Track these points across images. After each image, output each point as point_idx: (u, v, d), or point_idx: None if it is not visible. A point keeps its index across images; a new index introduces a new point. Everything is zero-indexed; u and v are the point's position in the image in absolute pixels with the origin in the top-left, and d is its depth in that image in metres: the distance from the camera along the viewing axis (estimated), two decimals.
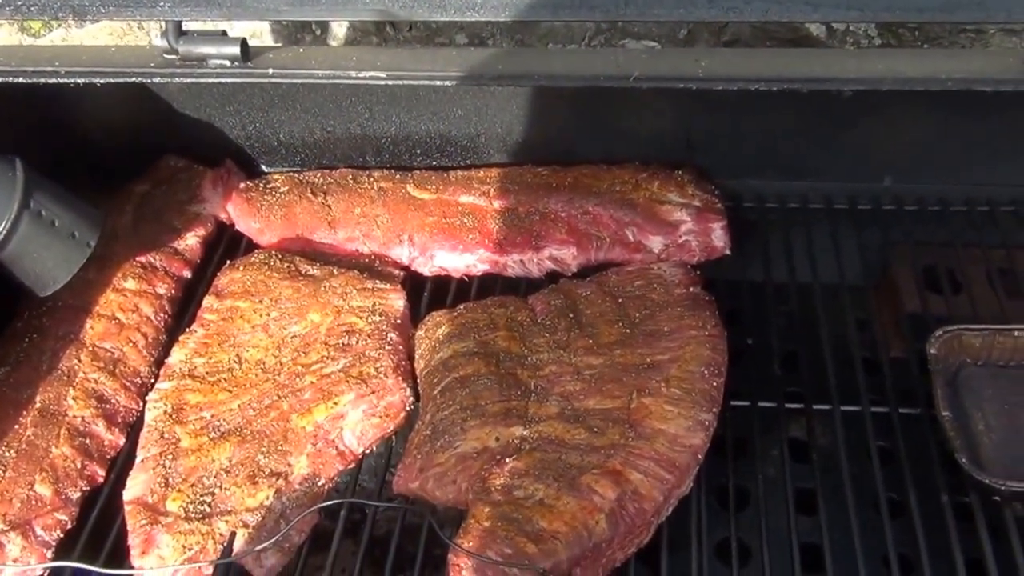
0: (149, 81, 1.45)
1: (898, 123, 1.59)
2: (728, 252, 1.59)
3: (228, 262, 1.65)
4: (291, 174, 1.77)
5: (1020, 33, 1.92)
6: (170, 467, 1.33)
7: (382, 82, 1.40)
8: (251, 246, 1.72)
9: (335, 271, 1.58)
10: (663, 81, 1.25)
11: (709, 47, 1.99)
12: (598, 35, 2.01)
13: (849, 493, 1.33)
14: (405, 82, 1.40)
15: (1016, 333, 1.40)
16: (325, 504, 1.31)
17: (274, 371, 1.44)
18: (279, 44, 2.20)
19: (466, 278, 1.64)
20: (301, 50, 1.50)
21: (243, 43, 1.43)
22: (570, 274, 1.60)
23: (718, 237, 1.57)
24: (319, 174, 1.75)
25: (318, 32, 2.24)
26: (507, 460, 1.28)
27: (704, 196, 1.60)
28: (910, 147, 1.64)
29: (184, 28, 1.45)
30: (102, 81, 1.44)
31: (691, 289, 1.50)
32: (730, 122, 1.64)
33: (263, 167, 1.85)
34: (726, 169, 1.70)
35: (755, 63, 1.29)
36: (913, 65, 1.25)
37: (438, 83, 1.39)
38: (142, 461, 1.35)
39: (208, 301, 1.57)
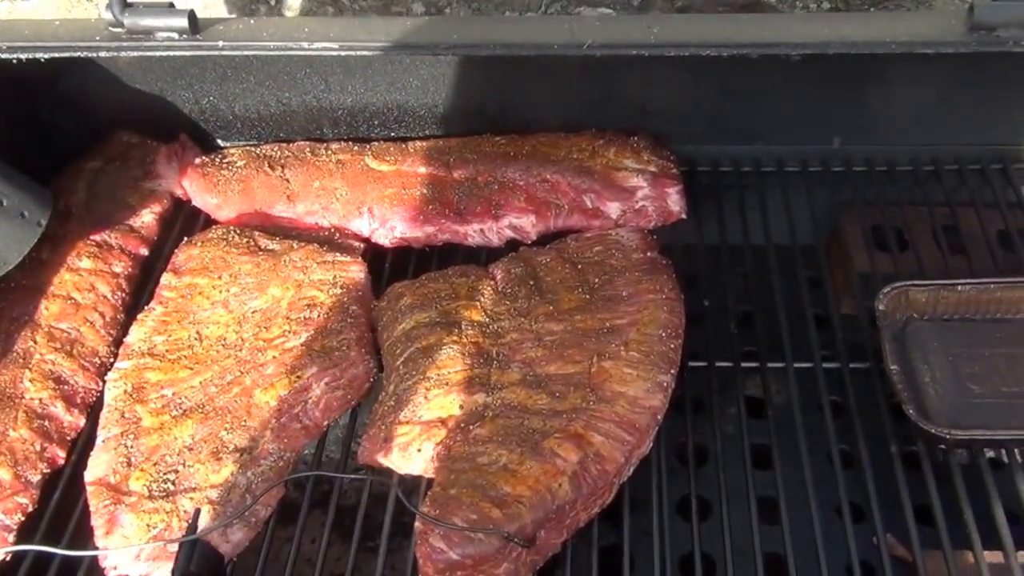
0: (95, 56, 1.40)
1: (846, 86, 1.59)
2: (684, 216, 1.58)
3: (186, 238, 1.60)
4: (248, 148, 1.73)
5: None
6: (132, 446, 1.30)
7: (335, 53, 1.36)
8: (209, 222, 1.67)
9: (295, 245, 1.54)
10: (616, 48, 1.23)
11: (663, 14, 1.97)
12: (554, 3, 1.98)
13: (803, 447, 1.34)
14: (358, 53, 1.36)
15: (959, 287, 1.42)
16: (291, 477, 1.29)
17: (235, 347, 1.41)
18: (233, 14, 2.14)
19: (427, 248, 1.61)
20: (252, 21, 1.45)
21: (191, 15, 1.38)
22: (530, 242, 1.58)
23: (674, 202, 1.56)
24: (276, 147, 1.71)
25: (272, 2, 2.18)
26: (471, 427, 1.27)
27: (660, 162, 1.59)
28: (858, 109, 1.64)
29: (130, 0, 1.40)
30: (45, 56, 1.39)
31: (648, 254, 1.49)
32: (684, 88, 1.62)
33: (219, 141, 1.80)
34: (681, 134, 1.69)
35: (706, 29, 1.28)
36: (859, 29, 1.24)
37: (392, 54, 1.36)
38: (103, 441, 1.32)
39: (166, 278, 1.53)
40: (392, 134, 1.72)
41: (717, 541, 1.27)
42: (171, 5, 1.41)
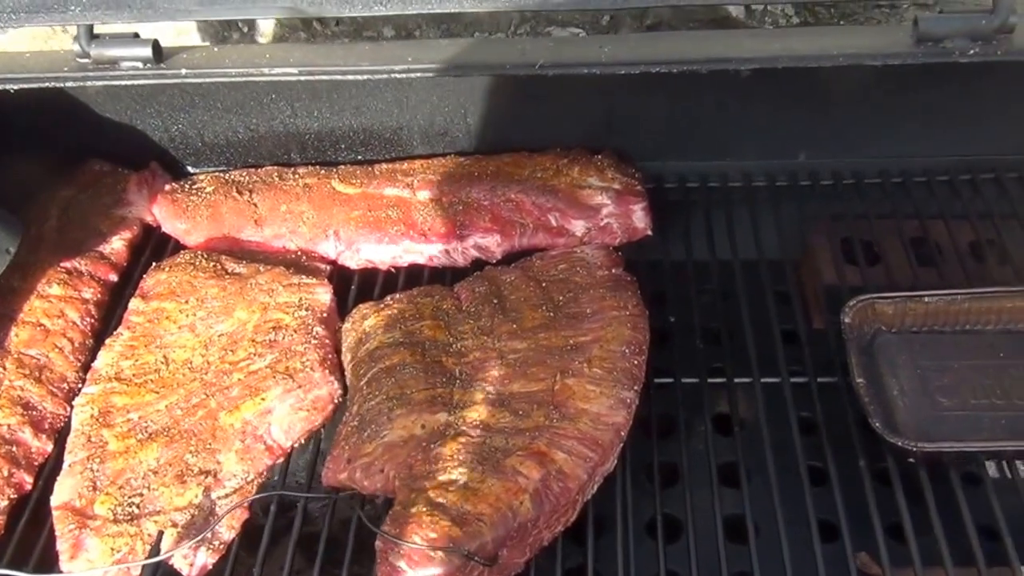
0: (62, 86, 1.45)
1: (811, 100, 1.62)
2: (649, 233, 1.60)
3: (154, 264, 1.64)
4: (217, 174, 1.77)
5: (933, 6, 1.96)
6: (97, 470, 1.32)
7: (295, 78, 1.41)
8: (178, 248, 1.71)
9: (261, 268, 1.58)
10: (567, 68, 1.27)
11: (632, 31, 2.00)
12: (523, 23, 2.02)
13: (771, 463, 1.35)
14: (318, 77, 1.41)
15: (926, 299, 1.43)
16: (254, 498, 1.32)
17: (201, 370, 1.44)
18: (206, 42, 2.19)
19: (393, 270, 1.64)
20: (216, 49, 1.50)
21: (155, 45, 1.43)
22: (495, 261, 1.61)
23: (639, 219, 1.59)
24: (244, 173, 1.75)
25: (245, 29, 2.23)
26: (432, 447, 1.29)
27: (624, 179, 1.62)
28: (823, 123, 1.67)
29: (97, 31, 1.45)
30: (15, 88, 1.44)
31: (613, 271, 1.52)
32: (649, 104, 1.65)
33: (189, 168, 1.84)
34: (648, 151, 1.72)
35: (657, 47, 1.32)
36: (807, 43, 1.28)
37: (350, 78, 1.40)
38: (69, 466, 1.34)
39: (134, 303, 1.56)
40: (359, 157, 1.76)
41: (685, 562, 1.28)
42: (136, 35, 1.46)
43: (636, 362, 1.38)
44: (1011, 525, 1.24)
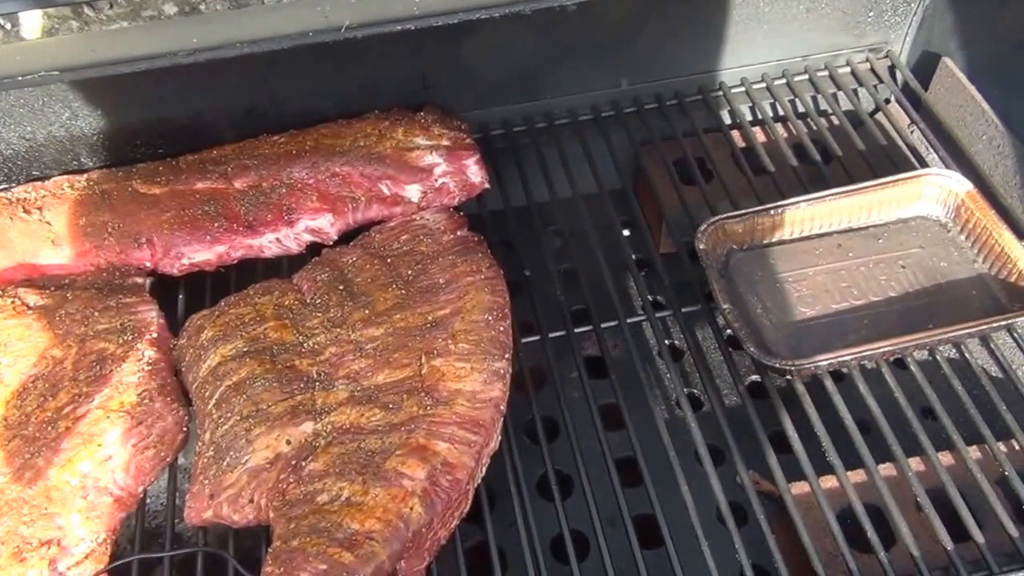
0: None
1: (622, 27, 1.43)
2: (487, 186, 1.38)
3: None
4: None
5: None
6: None
7: (77, 75, 1.08)
8: None
9: (69, 295, 1.26)
10: (377, 26, 1.01)
11: None
12: None
13: (650, 399, 1.22)
14: (104, 71, 1.08)
15: (772, 212, 1.29)
16: (109, 567, 1.05)
17: (19, 425, 1.13)
18: None
19: (222, 269, 1.35)
20: None
21: None
22: (332, 243, 1.35)
23: (474, 173, 1.36)
24: (30, 188, 1.38)
25: (8, 26, 1.80)
26: (303, 464, 1.06)
27: (452, 134, 1.38)
28: (638, 48, 1.48)
29: None
30: None
31: (458, 233, 1.30)
32: (463, 54, 1.42)
33: None
34: (468, 101, 1.49)
35: None
36: None
37: (141, 66, 1.08)
38: None
39: None
40: (160, 152, 1.43)
41: (584, 516, 1.13)
42: None
43: (502, 328, 1.18)
44: (888, 417, 1.13)
